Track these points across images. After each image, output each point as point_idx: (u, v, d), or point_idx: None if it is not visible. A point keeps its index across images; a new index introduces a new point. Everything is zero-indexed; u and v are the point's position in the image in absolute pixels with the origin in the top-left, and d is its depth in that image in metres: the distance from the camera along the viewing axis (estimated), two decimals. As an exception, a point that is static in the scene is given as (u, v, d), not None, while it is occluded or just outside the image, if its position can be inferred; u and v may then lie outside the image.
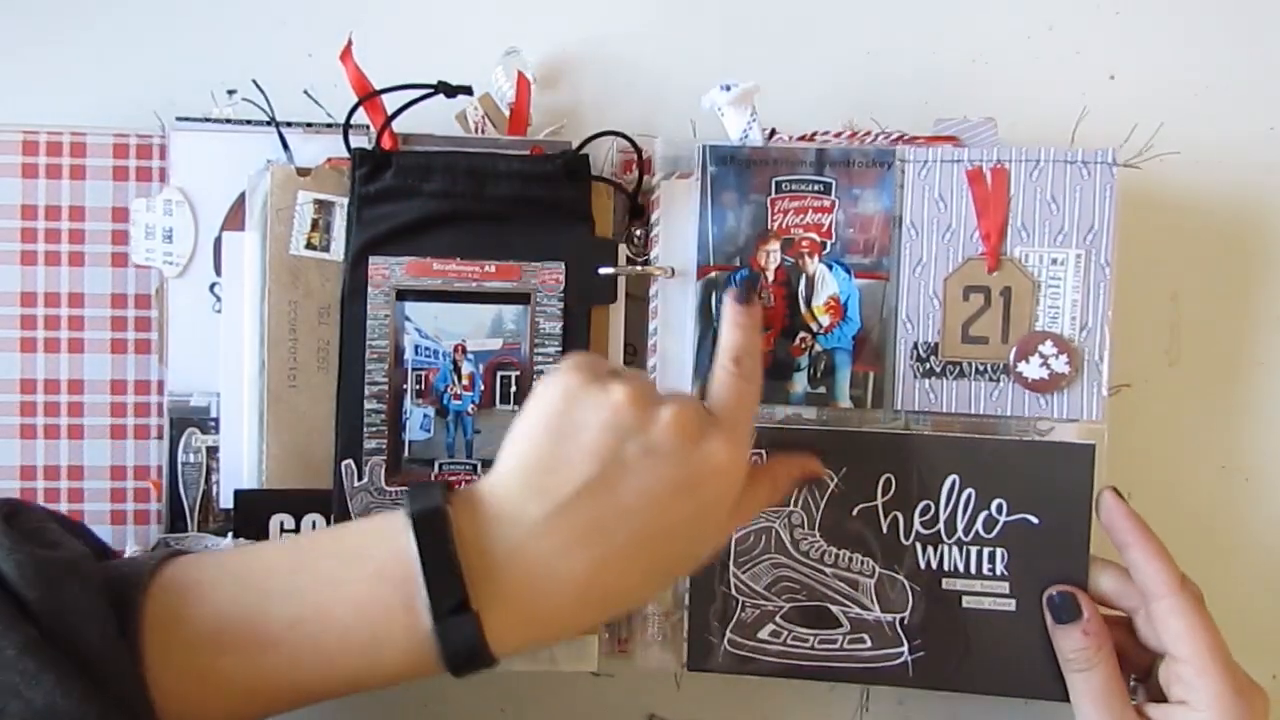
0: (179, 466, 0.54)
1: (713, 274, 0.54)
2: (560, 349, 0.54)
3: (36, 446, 0.55)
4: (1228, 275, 0.60)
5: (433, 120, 0.55)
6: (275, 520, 0.53)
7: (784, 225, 0.54)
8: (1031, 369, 0.52)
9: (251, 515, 0.53)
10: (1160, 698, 0.50)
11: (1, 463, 0.55)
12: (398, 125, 0.53)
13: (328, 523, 0.53)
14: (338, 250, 0.54)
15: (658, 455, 0.42)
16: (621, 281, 0.55)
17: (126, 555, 0.54)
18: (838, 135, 0.55)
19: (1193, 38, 0.60)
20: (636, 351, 0.56)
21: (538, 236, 0.54)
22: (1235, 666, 0.48)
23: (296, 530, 0.53)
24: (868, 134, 0.55)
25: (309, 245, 0.54)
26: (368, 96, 0.53)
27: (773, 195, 0.54)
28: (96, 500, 0.55)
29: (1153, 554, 0.49)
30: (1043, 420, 0.53)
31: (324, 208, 0.54)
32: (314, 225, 0.54)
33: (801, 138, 0.55)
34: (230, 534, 0.53)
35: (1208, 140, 0.59)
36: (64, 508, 0.55)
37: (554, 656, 0.55)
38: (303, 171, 0.54)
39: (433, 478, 0.53)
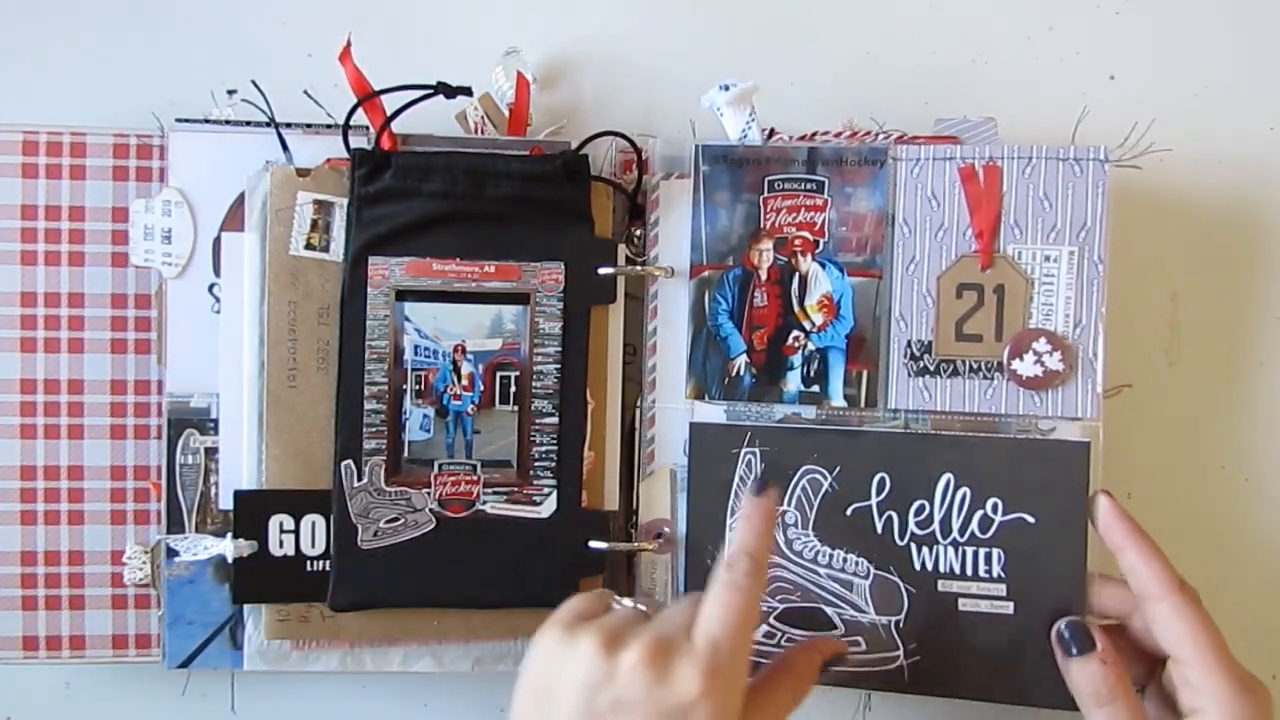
0: (177, 467, 0.55)
1: (706, 273, 0.54)
2: (560, 349, 0.54)
3: (36, 446, 0.55)
4: (1228, 275, 0.60)
5: (432, 120, 0.55)
6: (275, 521, 0.53)
7: (776, 224, 0.54)
8: (1026, 366, 0.52)
9: (251, 516, 0.53)
10: (1164, 704, 0.49)
11: (1, 463, 0.55)
12: (397, 125, 0.53)
13: (327, 524, 0.53)
14: (337, 250, 0.54)
15: (626, 707, 0.42)
16: (621, 281, 0.55)
17: (126, 555, 0.55)
18: (837, 135, 0.55)
19: (1192, 38, 0.60)
20: (636, 351, 0.56)
21: (537, 236, 0.54)
22: (1238, 664, 0.47)
23: (296, 532, 0.54)
24: (868, 134, 0.55)
25: (308, 246, 0.54)
26: (367, 97, 0.53)
27: (765, 194, 0.54)
28: (96, 500, 0.56)
29: (1150, 556, 0.48)
30: (1038, 418, 0.52)
31: (323, 208, 0.54)
32: (313, 226, 0.54)
33: (801, 138, 0.55)
34: (230, 535, 0.53)
35: (1207, 140, 0.59)
36: (64, 508, 0.55)
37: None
38: (302, 172, 0.54)
39: (432, 478, 0.54)
